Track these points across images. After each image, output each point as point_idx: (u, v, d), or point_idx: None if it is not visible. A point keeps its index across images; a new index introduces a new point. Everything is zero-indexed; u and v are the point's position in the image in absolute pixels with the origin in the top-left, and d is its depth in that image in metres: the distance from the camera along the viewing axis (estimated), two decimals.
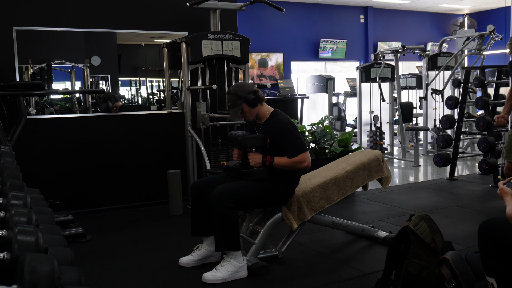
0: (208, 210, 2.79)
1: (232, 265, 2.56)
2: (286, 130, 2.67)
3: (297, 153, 2.65)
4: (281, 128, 2.68)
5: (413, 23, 12.07)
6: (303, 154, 2.66)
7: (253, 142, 2.72)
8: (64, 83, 4.94)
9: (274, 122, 2.73)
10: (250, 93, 2.73)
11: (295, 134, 2.69)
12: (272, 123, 2.74)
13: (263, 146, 2.72)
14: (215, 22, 4.45)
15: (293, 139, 2.67)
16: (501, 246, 1.96)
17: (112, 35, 4.60)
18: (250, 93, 2.73)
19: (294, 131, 2.70)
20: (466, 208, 4.11)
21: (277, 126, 2.70)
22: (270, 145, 2.72)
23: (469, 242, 3.07)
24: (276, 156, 2.69)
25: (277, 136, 2.69)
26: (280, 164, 2.69)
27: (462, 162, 6.81)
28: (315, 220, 2.98)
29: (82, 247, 3.27)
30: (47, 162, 4.09)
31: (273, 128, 2.71)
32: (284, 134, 2.68)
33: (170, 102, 4.66)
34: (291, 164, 2.67)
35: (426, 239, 2.24)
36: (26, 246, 0.97)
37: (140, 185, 4.45)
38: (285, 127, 2.68)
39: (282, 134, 2.68)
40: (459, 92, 5.74)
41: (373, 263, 2.83)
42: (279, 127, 2.69)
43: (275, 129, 2.70)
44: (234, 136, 2.78)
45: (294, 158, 2.66)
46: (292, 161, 2.66)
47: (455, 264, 2.19)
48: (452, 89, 7.33)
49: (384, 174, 3.20)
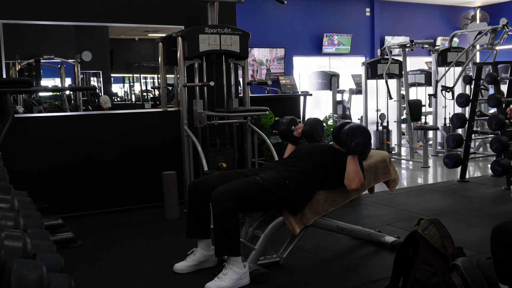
0: (205, 211, 2.80)
1: (235, 272, 2.56)
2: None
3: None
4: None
5: (422, 16, 12.07)
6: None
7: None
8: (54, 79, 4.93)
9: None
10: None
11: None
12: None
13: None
14: (213, 15, 4.45)
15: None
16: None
17: (104, 29, 4.60)
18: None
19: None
20: (478, 211, 4.11)
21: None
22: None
23: (481, 247, 3.07)
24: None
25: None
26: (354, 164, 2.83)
27: (473, 163, 6.81)
28: (318, 224, 2.98)
29: (73, 253, 3.27)
30: (35, 163, 4.09)
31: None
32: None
33: (165, 100, 4.66)
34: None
35: (435, 245, 2.24)
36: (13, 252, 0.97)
37: (133, 187, 4.45)
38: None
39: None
40: (470, 89, 5.74)
41: (379, 269, 2.83)
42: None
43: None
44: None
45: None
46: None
47: (466, 271, 2.19)
48: (463, 86, 7.33)
49: (391, 176, 3.20)
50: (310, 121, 3.21)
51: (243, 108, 4.46)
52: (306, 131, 3.17)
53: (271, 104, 4.88)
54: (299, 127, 3.21)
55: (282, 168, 2.83)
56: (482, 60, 8.63)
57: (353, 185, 2.82)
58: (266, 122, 4.78)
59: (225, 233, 2.54)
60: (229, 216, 2.54)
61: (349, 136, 2.77)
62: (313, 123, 3.19)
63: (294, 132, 3.21)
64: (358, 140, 2.79)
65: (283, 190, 2.70)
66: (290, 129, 3.23)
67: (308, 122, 3.20)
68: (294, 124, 3.26)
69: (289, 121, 3.26)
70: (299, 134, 3.21)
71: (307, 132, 3.17)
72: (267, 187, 2.66)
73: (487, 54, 6.80)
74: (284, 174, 2.77)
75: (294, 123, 3.27)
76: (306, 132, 3.17)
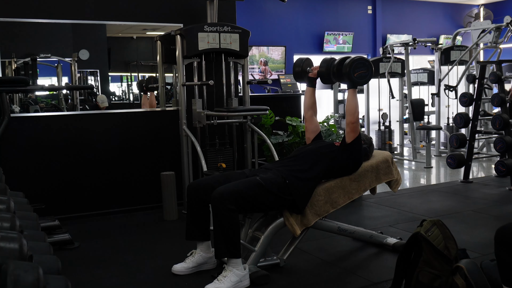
0: (204, 213, 2.80)
1: (235, 274, 2.56)
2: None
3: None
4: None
5: (425, 14, 12.06)
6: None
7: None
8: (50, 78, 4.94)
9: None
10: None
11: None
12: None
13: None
14: (212, 13, 4.45)
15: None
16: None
17: (102, 27, 4.61)
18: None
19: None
20: (482, 212, 4.11)
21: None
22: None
23: (485, 249, 3.07)
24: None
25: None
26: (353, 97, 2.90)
27: (477, 164, 6.81)
28: (319, 225, 2.98)
29: (70, 255, 3.26)
30: (32, 164, 4.09)
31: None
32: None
33: (163, 99, 4.66)
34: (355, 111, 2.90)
35: (438, 246, 2.24)
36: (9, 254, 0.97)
37: (131, 188, 4.45)
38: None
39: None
40: (474, 89, 5.74)
41: (381, 272, 2.83)
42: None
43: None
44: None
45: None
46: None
47: (469, 273, 2.19)
48: (466, 85, 7.32)
49: (393, 177, 3.20)
50: (326, 61, 3.08)
51: (243, 107, 4.46)
52: (322, 73, 3.08)
53: (272, 104, 4.88)
54: (315, 68, 3.13)
55: (282, 168, 2.83)
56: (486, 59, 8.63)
57: (353, 118, 2.88)
58: (266, 121, 4.78)
59: (225, 234, 2.54)
60: (229, 217, 2.54)
61: (352, 68, 2.78)
62: (329, 63, 3.06)
63: (310, 73, 3.15)
64: (361, 72, 2.80)
65: (283, 189, 2.70)
66: (305, 70, 3.15)
67: (324, 64, 3.07)
68: (310, 65, 3.19)
69: (304, 61, 3.17)
70: (314, 75, 3.13)
71: (323, 73, 3.07)
72: (267, 187, 2.66)
73: (491, 53, 6.80)
74: (284, 173, 2.77)
75: (309, 64, 3.19)
76: (322, 73, 3.08)
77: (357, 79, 2.83)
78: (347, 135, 2.92)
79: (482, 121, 6.81)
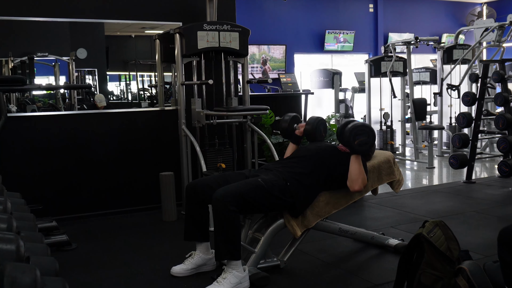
0: (203, 213, 2.80)
1: (235, 276, 2.55)
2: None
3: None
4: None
5: (427, 12, 12.07)
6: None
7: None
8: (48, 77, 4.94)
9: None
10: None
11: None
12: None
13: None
14: (211, 11, 4.45)
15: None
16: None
17: (100, 26, 4.61)
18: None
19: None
20: (485, 213, 4.11)
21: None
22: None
23: (488, 250, 3.07)
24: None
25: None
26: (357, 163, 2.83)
27: (480, 164, 6.81)
28: (320, 226, 2.98)
29: (67, 256, 3.26)
30: (29, 164, 4.09)
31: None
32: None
33: (162, 99, 4.66)
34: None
35: (441, 248, 2.24)
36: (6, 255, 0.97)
37: (130, 189, 4.45)
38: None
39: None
40: (476, 88, 5.74)
41: (383, 273, 2.83)
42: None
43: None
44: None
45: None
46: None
47: (472, 274, 2.18)
48: (469, 85, 7.33)
49: (395, 177, 3.20)
50: (313, 120, 3.15)
51: (242, 107, 4.46)
52: (308, 131, 3.12)
53: (272, 103, 4.88)
54: (301, 126, 3.16)
55: (283, 169, 2.83)
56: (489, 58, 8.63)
57: (356, 186, 2.82)
58: (266, 121, 4.78)
59: (226, 236, 2.54)
60: (231, 218, 2.53)
61: (352, 135, 2.76)
62: (315, 122, 3.13)
63: (296, 130, 3.17)
64: (361, 139, 2.77)
65: (284, 192, 2.70)
66: (292, 127, 3.19)
67: (310, 122, 3.14)
68: (297, 122, 3.22)
69: (291, 118, 3.21)
70: (301, 133, 3.17)
71: (309, 131, 3.12)
72: (269, 189, 2.66)
73: (494, 52, 6.80)
74: (285, 175, 2.77)
75: (296, 121, 3.22)
76: (307, 132, 3.12)
77: (357, 147, 2.78)
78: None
79: (485, 121, 6.82)
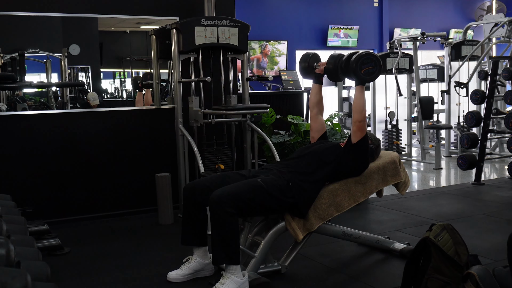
0: (201, 216, 2.80)
1: (234, 281, 2.55)
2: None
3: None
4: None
5: (434, 7, 12.07)
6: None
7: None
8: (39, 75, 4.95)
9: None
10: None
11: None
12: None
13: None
14: (209, 6, 4.45)
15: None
16: None
17: (93, 21, 4.61)
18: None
19: None
20: (494, 216, 4.11)
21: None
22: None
23: (498, 255, 3.07)
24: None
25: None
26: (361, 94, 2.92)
27: (489, 165, 6.82)
28: (323, 230, 2.98)
29: (59, 261, 3.26)
30: (19, 165, 4.09)
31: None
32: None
33: (158, 97, 4.66)
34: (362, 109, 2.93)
35: (448, 252, 2.24)
36: None
37: (125, 191, 4.45)
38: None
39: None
40: (486, 85, 5.74)
41: (388, 279, 2.83)
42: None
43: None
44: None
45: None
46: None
47: (481, 280, 2.18)
48: (478, 82, 7.33)
49: (401, 179, 3.20)
50: (334, 58, 3.07)
51: (242, 105, 4.46)
52: (329, 69, 3.07)
53: (272, 101, 4.88)
54: (322, 64, 3.14)
55: (284, 169, 2.83)
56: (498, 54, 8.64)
57: (360, 116, 2.89)
58: (266, 120, 4.78)
59: (224, 239, 2.54)
60: (228, 221, 2.54)
61: (358, 64, 2.79)
62: (337, 59, 3.05)
63: (316, 69, 3.16)
64: (368, 68, 2.81)
65: (285, 193, 2.70)
66: (312, 65, 3.16)
67: (331, 60, 3.07)
68: (317, 61, 3.19)
69: (311, 56, 3.19)
70: (321, 71, 3.14)
71: (330, 70, 3.07)
72: (269, 190, 2.66)
73: (504, 48, 6.80)
74: (287, 175, 2.77)
75: (316, 59, 3.20)
76: (329, 70, 3.08)
77: (364, 76, 2.85)
78: (353, 134, 2.92)
79: (494, 120, 6.81)
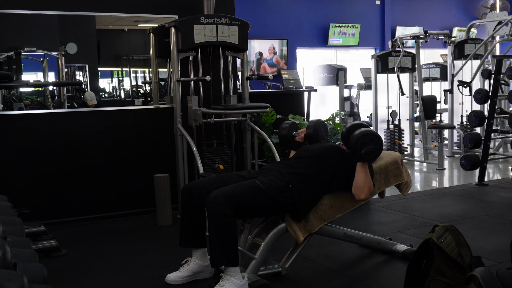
0: (200, 217, 2.79)
1: (233, 283, 2.55)
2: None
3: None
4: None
5: (437, 4, 12.07)
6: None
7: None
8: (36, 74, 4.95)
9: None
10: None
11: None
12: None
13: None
14: (209, 4, 4.45)
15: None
16: None
17: (91, 19, 4.61)
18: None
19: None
20: (498, 217, 4.11)
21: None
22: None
23: (501, 256, 3.07)
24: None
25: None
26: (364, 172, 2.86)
27: (493, 165, 6.82)
28: (324, 231, 2.98)
29: (56, 263, 3.27)
30: (16, 165, 4.09)
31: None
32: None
33: (157, 96, 4.66)
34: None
35: (451, 254, 2.24)
36: None
37: (123, 191, 4.45)
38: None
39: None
40: (489, 85, 5.74)
41: (390, 281, 2.83)
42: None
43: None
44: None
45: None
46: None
47: (484, 282, 2.18)
48: (481, 81, 7.33)
49: (403, 179, 3.20)
50: (313, 123, 3.24)
51: (242, 105, 4.46)
52: (310, 135, 3.20)
53: (273, 101, 4.88)
54: (301, 132, 3.24)
55: (285, 170, 2.83)
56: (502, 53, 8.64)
57: (362, 195, 2.85)
58: (267, 120, 4.79)
59: (222, 241, 2.54)
60: (226, 222, 2.53)
61: (359, 143, 2.77)
62: (317, 125, 3.21)
63: (296, 137, 3.24)
64: (369, 148, 2.79)
65: (285, 194, 2.70)
66: (291, 134, 3.24)
67: (311, 125, 3.22)
68: (295, 129, 3.28)
69: (290, 125, 3.29)
70: (301, 139, 3.24)
71: (311, 135, 3.19)
72: (267, 192, 2.66)
73: (508, 46, 6.80)
74: (287, 177, 2.77)
75: (295, 128, 3.29)
76: (309, 136, 3.20)
77: (364, 156, 2.81)
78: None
79: (498, 120, 6.82)
